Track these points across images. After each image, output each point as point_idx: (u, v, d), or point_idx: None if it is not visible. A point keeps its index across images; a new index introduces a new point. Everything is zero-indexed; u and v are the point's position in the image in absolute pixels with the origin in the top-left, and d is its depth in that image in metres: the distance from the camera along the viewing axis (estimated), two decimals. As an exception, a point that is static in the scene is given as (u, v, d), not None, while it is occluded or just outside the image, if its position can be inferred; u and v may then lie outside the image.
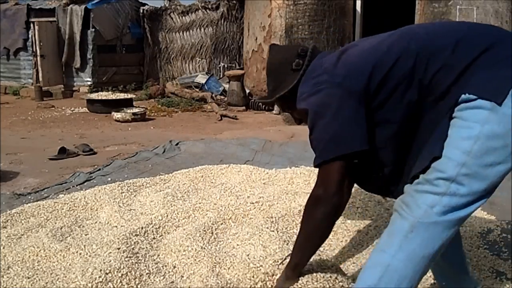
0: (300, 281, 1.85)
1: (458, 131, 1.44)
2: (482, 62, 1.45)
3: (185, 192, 3.27)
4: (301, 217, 1.76)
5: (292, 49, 1.88)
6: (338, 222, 2.54)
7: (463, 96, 1.43)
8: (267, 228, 2.48)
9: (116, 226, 2.74)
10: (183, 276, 2.15)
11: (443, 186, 1.42)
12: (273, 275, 2.03)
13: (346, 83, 1.59)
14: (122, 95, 8.65)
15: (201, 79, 9.58)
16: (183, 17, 10.72)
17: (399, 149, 1.63)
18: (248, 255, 2.28)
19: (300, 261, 1.83)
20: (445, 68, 1.49)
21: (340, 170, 1.62)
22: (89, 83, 10.37)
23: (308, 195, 1.71)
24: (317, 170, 1.66)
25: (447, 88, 1.48)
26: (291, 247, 2.26)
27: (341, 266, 2.18)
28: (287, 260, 1.91)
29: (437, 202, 1.42)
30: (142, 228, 2.59)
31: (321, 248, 2.40)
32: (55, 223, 2.81)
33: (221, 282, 2.03)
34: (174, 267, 2.23)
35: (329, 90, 1.62)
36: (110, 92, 9.11)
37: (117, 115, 7.16)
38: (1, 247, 2.47)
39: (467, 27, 1.61)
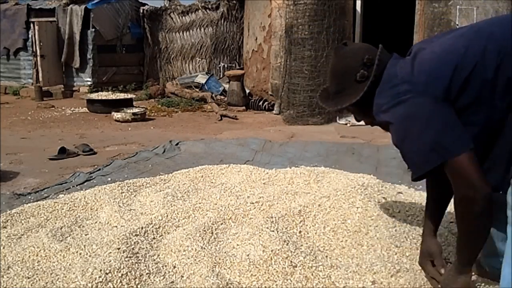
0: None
1: None
2: None
3: (185, 192, 3.27)
4: (456, 219, 1.74)
5: (358, 55, 1.84)
6: (338, 222, 2.55)
7: None
8: (267, 228, 2.48)
9: (116, 226, 2.74)
10: (183, 276, 2.15)
11: None
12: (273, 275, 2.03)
13: (430, 90, 1.59)
14: (122, 95, 8.64)
15: (201, 79, 9.58)
16: (183, 17, 10.71)
17: (481, 149, 1.63)
18: (248, 255, 2.28)
19: (470, 257, 1.76)
20: None
21: (472, 164, 1.60)
22: (89, 83, 10.37)
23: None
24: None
25: None
26: (291, 247, 2.27)
27: (342, 266, 2.18)
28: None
29: None
30: (142, 228, 2.59)
31: (320, 248, 2.41)
32: (55, 223, 2.81)
33: (221, 282, 2.03)
34: (174, 267, 2.23)
35: (415, 100, 1.60)
36: (110, 92, 9.10)
37: (117, 115, 7.16)
38: (1, 247, 2.47)
39: None
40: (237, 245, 2.38)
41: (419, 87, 1.61)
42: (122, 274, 2.08)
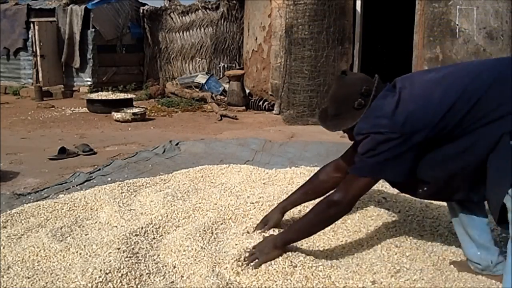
0: (286, 254, 2.15)
1: None
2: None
3: (185, 192, 3.27)
4: (313, 207, 2.18)
5: (357, 85, 2.11)
6: (338, 222, 2.55)
7: None
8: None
9: (116, 226, 2.74)
10: (183, 276, 2.15)
11: None
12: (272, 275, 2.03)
13: (403, 130, 1.92)
14: (122, 95, 8.64)
15: (201, 79, 9.58)
16: (183, 17, 10.71)
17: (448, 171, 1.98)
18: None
19: (294, 239, 2.22)
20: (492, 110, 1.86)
21: (364, 188, 2.06)
22: (89, 83, 10.36)
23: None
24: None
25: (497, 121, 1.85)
26: (291, 247, 2.27)
27: (342, 266, 2.18)
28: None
29: None
30: (142, 228, 2.59)
31: (320, 248, 2.42)
32: (55, 223, 2.81)
33: (221, 282, 2.03)
34: (174, 267, 2.23)
35: (389, 135, 1.93)
36: (110, 92, 9.10)
37: (117, 115, 7.16)
38: (1, 247, 2.47)
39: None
40: (237, 245, 2.38)
41: (396, 126, 1.93)
42: (122, 274, 2.08)
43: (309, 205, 2.54)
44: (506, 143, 1.82)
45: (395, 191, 3.14)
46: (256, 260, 2.14)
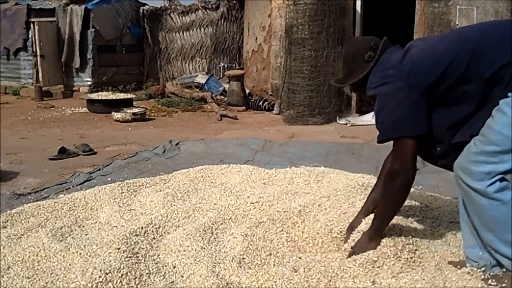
0: (382, 241, 2.20)
1: None
2: None
3: (185, 192, 3.27)
4: (381, 190, 2.25)
5: (366, 41, 2.26)
6: (338, 221, 2.55)
7: None
8: (268, 227, 2.48)
9: (116, 226, 2.74)
10: (183, 276, 2.15)
11: None
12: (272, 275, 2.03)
13: (409, 78, 2.01)
14: (122, 95, 8.64)
15: (201, 79, 9.58)
16: (183, 17, 10.71)
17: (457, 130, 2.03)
18: (248, 255, 2.28)
19: (382, 224, 2.23)
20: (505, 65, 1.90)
21: (412, 148, 2.05)
22: (89, 83, 10.36)
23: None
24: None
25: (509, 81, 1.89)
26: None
27: (341, 266, 2.18)
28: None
29: None
30: (142, 228, 2.59)
31: (320, 248, 2.41)
32: (55, 223, 2.81)
33: (221, 282, 2.03)
34: (174, 267, 2.23)
35: (396, 83, 2.03)
36: (110, 92, 9.09)
37: (117, 115, 7.16)
38: (1, 247, 2.47)
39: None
40: (237, 245, 2.38)
41: (402, 73, 2.03)
42: (122, 274, 2.08)
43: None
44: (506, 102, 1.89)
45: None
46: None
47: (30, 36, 10.56)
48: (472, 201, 2.01)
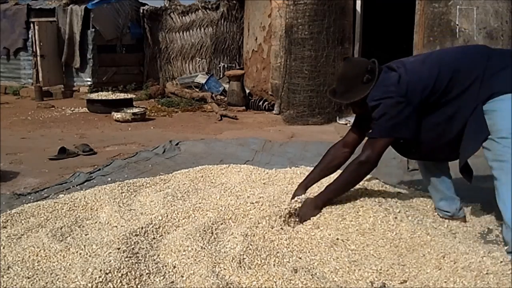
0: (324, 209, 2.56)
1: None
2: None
3: (185, 192, 3.27)
4: (345, 169, 2.66)
5: (363, 64, 2.61)
6: (337, 222, 2.56)
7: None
8: (268, 228, 2.47)
9: (116, 226, 2.74)
10: (183, 276, 2.15)
11: None
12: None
13: (408, 96, 2.47)
14: (122, 95, 8.63)
15: (201, 79, 9.58)
16: (183, 17, 10.71)
17: (438, 133, 2.53)
18: (248, 255, 2.28)
19: (332, 197, 2.66)
20: (475, 80, 2.44)
21: (385, 146, 2.54)
22: (89, 83, 10.36)
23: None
24: None
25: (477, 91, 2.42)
26: (291, 247, 2.27)
27: (341, 267, 2.18)
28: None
29: None
30: (142, 228, 2.59)
31: (319, 248, 2.41)
32: (55, 223, 2.81)
33: (221, 282, 2.03)
34: (174, 267, 2.23)
35: (397, 98, 2.47)
36: (110, 92, 9.08)
37: (117, 115, 7.16)
38: (1, 247, 2.47)
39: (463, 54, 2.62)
40: (236, 245, 2.38)
41: (402, 92, 2.48)
42: (122, 274, 2.08)
43: (324, 182, 2.89)
44: (479, 110, 2.38)
45: (395, 191, 3.16)
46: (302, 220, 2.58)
47: (30, 36, 10.56)
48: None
